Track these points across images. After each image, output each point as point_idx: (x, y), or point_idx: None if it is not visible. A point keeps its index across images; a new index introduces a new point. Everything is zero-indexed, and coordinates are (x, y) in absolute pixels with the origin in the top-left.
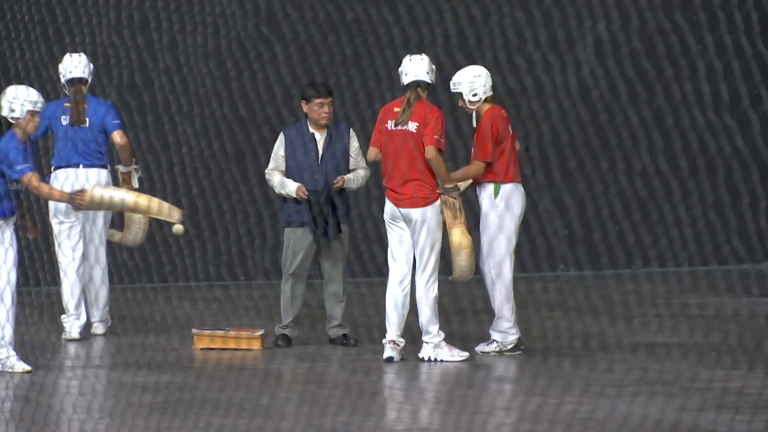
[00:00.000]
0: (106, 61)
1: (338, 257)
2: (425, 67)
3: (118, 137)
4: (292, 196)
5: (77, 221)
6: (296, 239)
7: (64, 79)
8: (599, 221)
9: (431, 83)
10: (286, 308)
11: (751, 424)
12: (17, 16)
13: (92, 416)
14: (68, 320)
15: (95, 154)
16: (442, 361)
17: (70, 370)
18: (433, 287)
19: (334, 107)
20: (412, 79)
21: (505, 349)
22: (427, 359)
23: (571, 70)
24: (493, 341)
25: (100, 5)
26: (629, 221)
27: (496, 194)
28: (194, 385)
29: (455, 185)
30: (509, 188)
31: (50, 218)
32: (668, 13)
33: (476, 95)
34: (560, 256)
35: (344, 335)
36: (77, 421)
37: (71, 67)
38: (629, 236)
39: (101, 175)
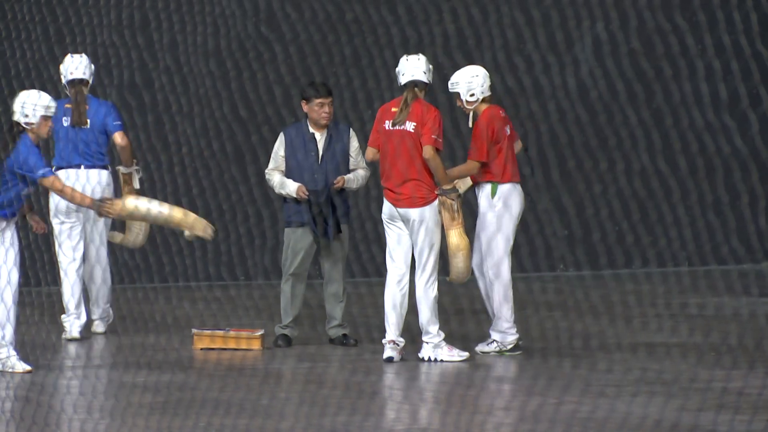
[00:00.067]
0: (106, 61)
1: (338, 257)
2: (422, 66)
3: (119, 138)
4: (292, 196)
5: (78, 221)
6: (296, 239)
7: (65, 79)
8: (598, 221)
9: (428, 83)
10: (286, 308)
11: (750, 424)
12: (17, 16)
13: (92, 416)
14: (68, 320)
15: (96, 154)
16: (441, 361)
17: (70, 370)
18: (432, 287)
19: (333, 107)
20: (409, 79)
21: (504, 349)
22: (426, 359)
23: (569, 70)
24: (492, 341)
25: (100, 5)
26: (628, 221)
27: (493, 194)
28: (194, 385)
29: (453, 186)
30: (507, 188)
31: (51, 218)
32: (667, 13)
33: (474, 95)
34: (559, 256)
35: (344, 335)
36: (77, 421)
37: (72, 68)
38: (628, 236)
39: (102, 175)
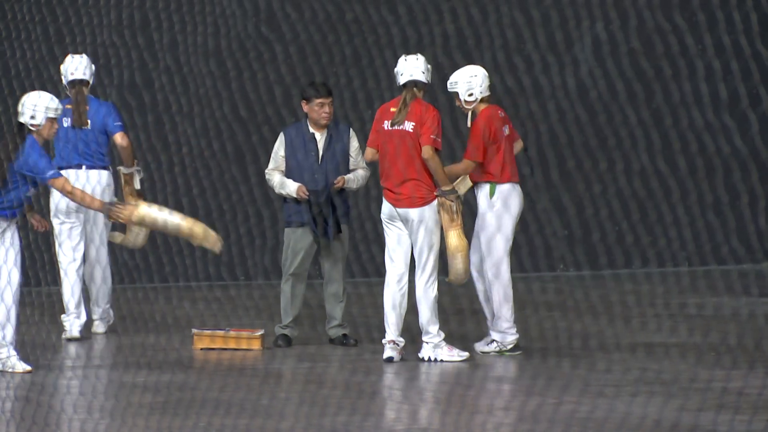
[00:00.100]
0: (106, 61)
1: (338, 257)
2: (420, 66)
3: (120, 139)
4: (292, 196)
5: (78, 221)
6: (296, 239)
7: (65, 80)
8: (598, 221)
9: (427, 83)
10: (286, 308)
11: (750, 424)
12: (17, 16)
13: (93, 416)
14: (68, 319)
15: (96, 155)
16: (441, 361)
17: (70, 370)
18: (432, 287)
19: (333, 107)
20: (407, 78)
21: (504, 349)
22: (426, 359)
23: (569, 70)
24: (492, 341)
25: (100, 5)
26: (628, 221)
27: (491, 194)
28: (194, 385)
29: (452, 188)
30: (506, 188)
31: (51, 218)
32: (667, 13)
33: (472, 95)
34: (559, 256)
35: (344, 335)
36: (77, 421)
37: (72, 68)
38: (628, 236)
39: (102, 176)
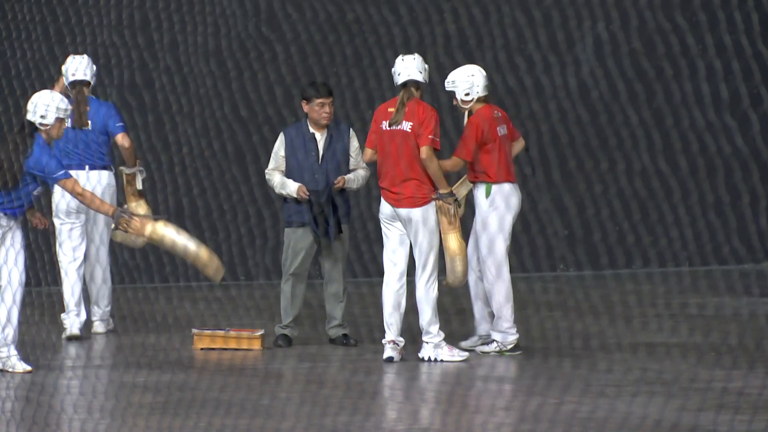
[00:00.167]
0: (106, 61)
1: (339, 257)
2: (418, 66)
3: (121, 140)
4: (292, 196)
5: (78, 221)
6: (297, 239)
7: (66, 81)
8: (599, 221)
9: (424, 82)
10: (286, 308)
11: (751, 424)
12: (18, 16)
13: (93, 416)
14: (68, 317)
15: (97, 155)
16: (442, 361)
17: (70, 370)
18: (433, 287)
19: (334, 107)
20: (405, 78)
21: (504, 349)
22: (427, 359)
23: (570, 70)
24: (492, 341)
25: (100, 5)
26: (629, 221)
27: (487, 194)
28: (195, 385)
29: (450, 191)
30: (501, 189)
31: (52, 217)
32: (668, 13)
33: (469, 95)
34: (560, 256)
35: (344, 335)
36: (78, 421)
37: (73, 69)
38: (629, 236)
39: (102, 176)
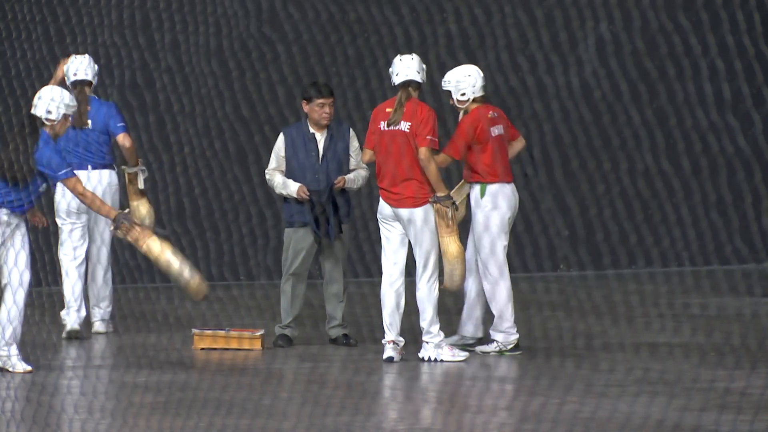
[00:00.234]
0: (107, 61)
1: (339, 257)
2: (416, 66)
3: (122, 140)
4: (293, 196)
5: (79, 222)
6: (297, 239)
7: (68, 80)
8: (601, 221)
9: (422, 82)
10: (286, 308)
11: (753, 424)
12: (18, 16)
13: (93, 416)
14: (68, 313)
15: (98, 154)
16: (443, 361)
17: (70, 370)
18: (434, 287)
19: (336, 107)
20: (403, 79)
21: (505, 349)
22: (427, 359)
23: (573, 70)
24: (493, 341)
25: (101, 5)
26: (631, 221)
27: (482, 195)
28: (196, 385)
29: (447, 194)
30: (496, 188)
31: (54, 217)
32: (671, 13)
33: (464, 95)
34: (562, 255)
35: (345, 335)
36: (78, 421)
37: (74, 68)
38: (631, 236)
39: (102, 175)
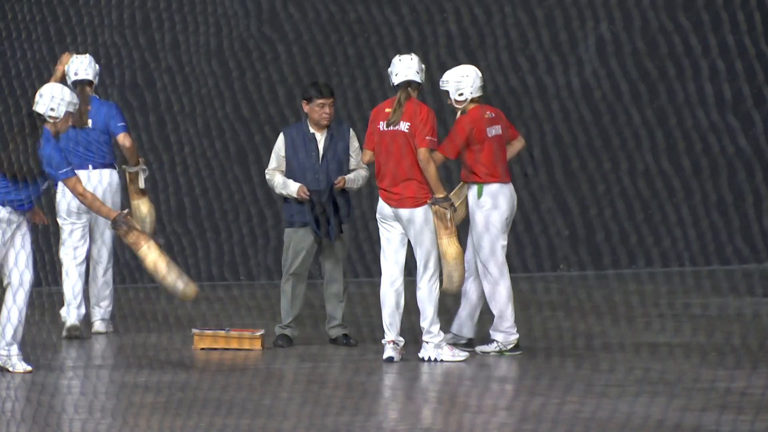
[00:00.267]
0: (108, 61)
1: (339, 257)
2: (415, 66)
3: (122, 139)
4: (293, 196)
5: (80, 222)
6: (298, 239)
7: (69, 80)
8: (601, 221)
9: (421, 83)
10: (286, 308)
11: (753, 424)
12: (18, 16)
13: (93, 416)
14: (68, 310)
15: (98, 154)
16: (443, 361)
17: (71, 369)
18: (435, 286)
19: (336, 107)
20: (402, 79)
21: (505, 349)
22: (428, 359)
23: (573, 70)
24: (493, 341)
25: (101, 5)
26: (632, 221)
27: (479, 195)
28: (196, 385)
29: (446, 195)
30: (494, 189)
31: (56, 217)
32: (671, 13)
33: (462, 95)
34: (562, 255)
35: (345, 335)
36: (78, 421)
37: (75, 68)
38: (632, 236)
39: (104, 175)
